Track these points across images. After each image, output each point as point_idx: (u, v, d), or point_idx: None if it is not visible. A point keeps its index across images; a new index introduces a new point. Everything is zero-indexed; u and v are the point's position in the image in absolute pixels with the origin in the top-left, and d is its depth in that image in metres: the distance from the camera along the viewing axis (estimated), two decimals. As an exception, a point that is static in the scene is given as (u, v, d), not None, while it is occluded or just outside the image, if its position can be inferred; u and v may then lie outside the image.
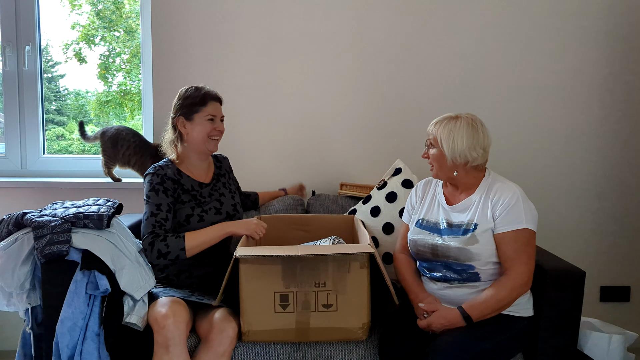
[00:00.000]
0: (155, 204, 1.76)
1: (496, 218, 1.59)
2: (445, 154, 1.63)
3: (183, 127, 1.86)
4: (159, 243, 1.70)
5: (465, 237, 1.60)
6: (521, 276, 1.55)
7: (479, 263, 1.59)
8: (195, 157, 1.90)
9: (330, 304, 1.58)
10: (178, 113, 1.86)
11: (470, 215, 1.63)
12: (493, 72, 2.47)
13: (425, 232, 1.70)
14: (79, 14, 2.83)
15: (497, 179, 1.67)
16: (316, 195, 2.38)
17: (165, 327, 1.52)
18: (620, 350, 1.91)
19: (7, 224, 1.67)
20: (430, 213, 1.75)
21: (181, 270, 1.83)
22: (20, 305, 1.65)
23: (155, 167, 1.84)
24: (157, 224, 1.73)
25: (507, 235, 1.57)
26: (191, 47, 2.44)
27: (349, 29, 2.45)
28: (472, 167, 1.65)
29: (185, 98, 1.86)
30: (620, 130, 2.50)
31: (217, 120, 1.88)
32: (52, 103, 2.97)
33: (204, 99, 1.86)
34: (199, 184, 1.89)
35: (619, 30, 2.44)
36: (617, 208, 2.53)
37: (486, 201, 1.62)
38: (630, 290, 2.56)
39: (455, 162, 1.64)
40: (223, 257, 1.88)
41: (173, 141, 1.89)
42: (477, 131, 1.63)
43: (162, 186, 1.79)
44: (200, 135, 1.85)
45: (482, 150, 1.63)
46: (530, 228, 1.57)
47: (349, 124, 2.50)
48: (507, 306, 1.58)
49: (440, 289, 1.67)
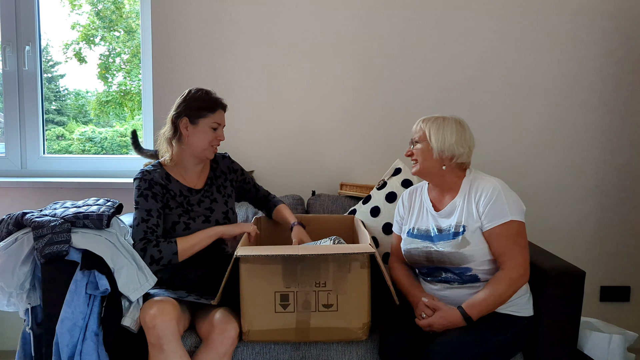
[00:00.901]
0: (145, 210, 1.74)
1: (481, 215, 1.60)
2: (432, 148, 1.66)
3: (185, 129, 1.80)
4: (152, 249, 1.69)
5: (456, 240, 1.60)
6: (517, 269, 1.55)
7: (475, 264, 1.59)
8: (189, 159, 1.85)
9: (330, 304, 1.57)
10: (183, 114, 1.80)
11: (457, 217, 1.64)
12: (493, 72, 2.47)
13: (418, 241, 1.71)
14: (79, 14, 2.83)
15: (478, 176, 1.68)
16: (316, 195, 2.38)
17: (154, 326, 1.51)
18: (620, 350, 1.91)
19: (7, 224, 1.67)
20: (420, 221, 1.75)
21: (174, 274, 1.81)
22: (20, 305, 1.65)
23: (143, 172, 1.80)
24: (148, 230, 1.72)
25: (495, 231, 1.57)
26: (191, 47, 2.44)
27: (349, 29, 2.45)
28: (457, 164, 1.67)
29: (194, 100, 1.81)
30: (621, 130, 2.50)
31: (220, 129, 1.84)
32: (52, 103, 2.97)
33: (213, 106, 1.81)
34: (188, 189, 1.85)
35: (619, 29, 2.44)
36: (617, 208, 2.53)
37: (469, 200, 1.63)
38: (630, 290, 2.56)
39: (441, 156, 1.65)
40: (216, 259, 1.85)
41: (170, 139, 1.83)
42: (465, 129, 1.68)
43: (150, 191, 1.76)
44: (201, 143, 1.81)
45: (468, 148, 1.67)
46: (516, 219, 1.57)
47: (349, 124, 2.50)
48: (506, 300, 1.57)
49: (441, 290, 1.67)
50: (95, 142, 2.97)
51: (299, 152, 2.50)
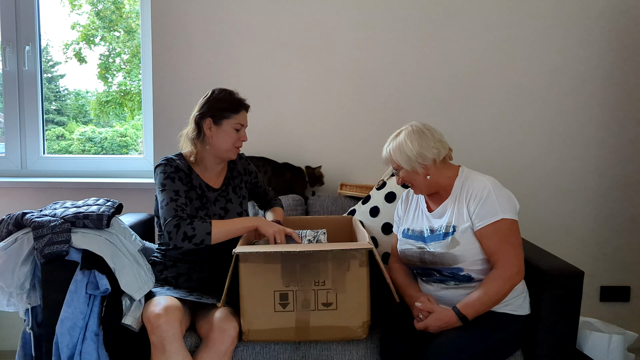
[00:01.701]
0: (173, 190, 1.72)
1: (472, 214, 1.59)
2: (409, 169, 1.65)
3: (209, 130, 1.80)
4: (186, 226, 1.65)
5: (446, 241, 1.60)
6: (510, 267, 1.54)
7: (466, 264, 1.59)
8: (211, 159, 1.86)
9: (330, 303, 1.58)
10: (207, 114, 1.79)
11: (448, 218, 1.64)
12: (493, 73, 2.47)
13: (411, 241, 1.71)
14: (79, 14, 2.84)
15: (469, 176, 1.67)
16: (316, 195, 2.39)
17: (158, 326, 1.51)
18: (620, 350, 1.91)
19: (7, 224, 1.67)
20: (415, 222, 1.75)
21: (180, 274, 1.81)
22: (20, 305, 1.65)
23: (167, 159, 1.81)
24: (178, 208, 1.69)
25: (486, 230, 1.56)
26: (191, 47, 2.44)
27: (349, 29, 2.45)
28: (442, 164, 1.66)
29: (218, 101, 1.81)
30: (621, 130, 2.50)
31: (242, 130, 1.84)
32: (52, 103, 2.97)
33: (237, 107, 1.82)
34: (207, 186, 1.86)
35: (619, 29, 2.44)
36: (617, 208, 2.53)
37: (460, 200, 1.63)
38: (630, 290, 2.56)
39: (424, 167, 1.64)
40: (223, 263, 1.84)
41: (194, 139, 1.83)
42: (422, 132, 1.65)
43: (176, 175, 1.76)
44: (225, 144, 1.81)
45: (439, 142, 1.64)
46: (508, 217, 1.56)
47: (349, 125, 2.50)
48: (501, 299, 1.56)
49: (437, 290, 1.67)
50: (95, 142, 2.98)
51: (299, 152, 2.50)
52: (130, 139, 3.00)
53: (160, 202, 1.74)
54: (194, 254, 1.81)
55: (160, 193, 1.74)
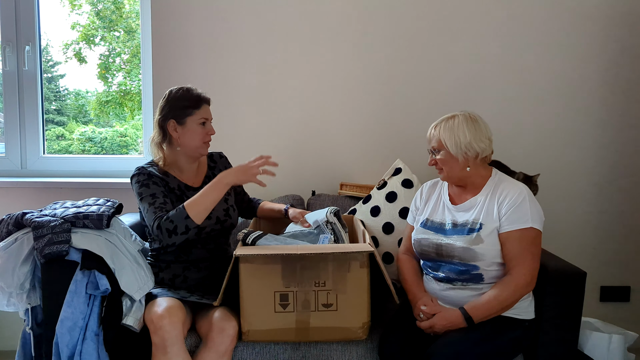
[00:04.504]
0: (149, 195, 1.71)
1: (502, 217, 1.58)
2: (453, 154, 1.63)
3: (174, 131, 1.78)
4: (164, 223, 1.63)
5: (470, 236, 1.59)
6: (524, 276, 1.53)
7: (484, 263, 1.58)
8: (184, 159, 1.84)
9: (330, 304, 1.57)
10: (169, 116, 1.77)
11: (476, 214, 1.63)
12: (493, 72, 2.47)
13: (430, 232, 1.70)
14: (79, 14, 2.84)
15: (504, 179, 1.67)
16: (316, 195, 2.38)
17: (161, 327, 1.51)
18: (620, 350, 1.91)
19: (7, 224, 1.67)
20: (435, 214, 1.74)
21: (176, 275, 1.80)
22: (20, 305, 1.65)
23: (139, 168, 1.79)
24: (157, 209, 1.68)
25: (512, 235, 1.56)
26: (191, 47, 2.44)
27: (349, 29, 2.45)
28: (482, 161, 1.66)
29: (177, 99, 1.79)
30: (621, 130, 2.49)
31: (208, 124, 1.82)
32: (52, 103, 2.97)
33: (197, 102, 1.79)
34: (186, 186, 1.84)
35: (619, 29, 2.44)
36: (617, 208, 2.53)
37: (492, 200, 1.62)
38: (630, 290, 2.55)
39: (466, 158, 1.63)
40: (219, 262, 1.85)
41: (159, 143, 1.81)
42: (477, 123, 1.64)
43: (150, 180, 1.75)
44: (194, 141, 1.79)
45: (488, 140, 1.64)
46: (536, 227, 1.56)
47: (349, 124, 2.50)
48: (509, 307, 1.56)
49: (443, 290, 1.66)
50: (95, 142, 2.98)
51: (299, 152, 2.50)
52: (130, 139, 3.00)
53: (142, 211, 1.74)
54: (185, 253, 1.80)
55: (140, 203, 1.74)
